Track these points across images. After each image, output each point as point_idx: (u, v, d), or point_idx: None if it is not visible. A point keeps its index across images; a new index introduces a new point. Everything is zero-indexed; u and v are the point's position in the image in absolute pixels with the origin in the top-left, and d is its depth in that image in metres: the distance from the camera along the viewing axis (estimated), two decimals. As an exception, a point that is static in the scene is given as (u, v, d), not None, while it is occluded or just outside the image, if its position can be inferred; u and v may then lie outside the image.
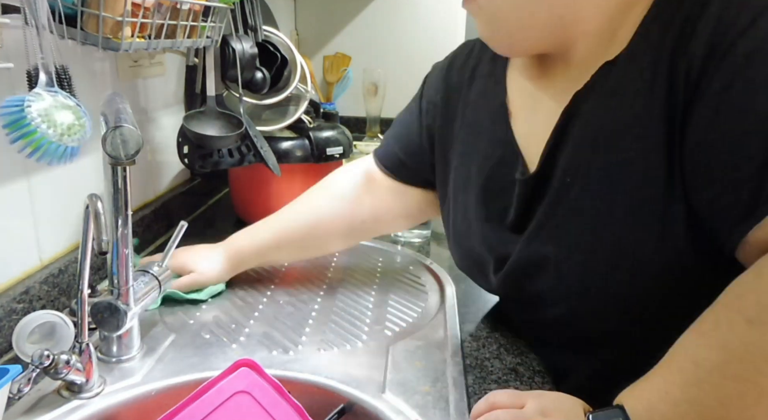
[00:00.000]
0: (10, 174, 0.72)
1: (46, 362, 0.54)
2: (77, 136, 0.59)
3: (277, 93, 1.13)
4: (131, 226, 0.65)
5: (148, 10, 0.70)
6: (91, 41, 0.66)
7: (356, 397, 0.63)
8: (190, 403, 0.54)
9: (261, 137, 1.06)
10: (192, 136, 0.98)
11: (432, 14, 2.11)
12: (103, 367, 0.66)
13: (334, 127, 1.17)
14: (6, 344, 0.68)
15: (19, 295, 0.71)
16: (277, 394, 0.55)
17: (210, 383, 0.55)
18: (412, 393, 0.63)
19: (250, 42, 1.04)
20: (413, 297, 0.88)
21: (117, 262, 0.64)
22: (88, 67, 0.88)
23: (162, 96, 1.14)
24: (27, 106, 0.56)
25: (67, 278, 0.80)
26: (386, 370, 0.67)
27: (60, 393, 0.60)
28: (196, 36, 0.85)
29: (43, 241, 0.79)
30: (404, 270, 0.99)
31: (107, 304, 0.64)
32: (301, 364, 0.68)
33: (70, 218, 0.85)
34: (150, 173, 1.13)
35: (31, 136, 0.56)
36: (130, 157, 0.61)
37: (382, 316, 0.82)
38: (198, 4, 0.80)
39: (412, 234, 1.12)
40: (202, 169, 1.03)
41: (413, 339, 0.75)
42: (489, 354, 0.72)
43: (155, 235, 1.07)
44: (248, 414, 0.54)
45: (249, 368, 0.57)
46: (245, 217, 1.18)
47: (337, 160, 1.15)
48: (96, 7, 0.64)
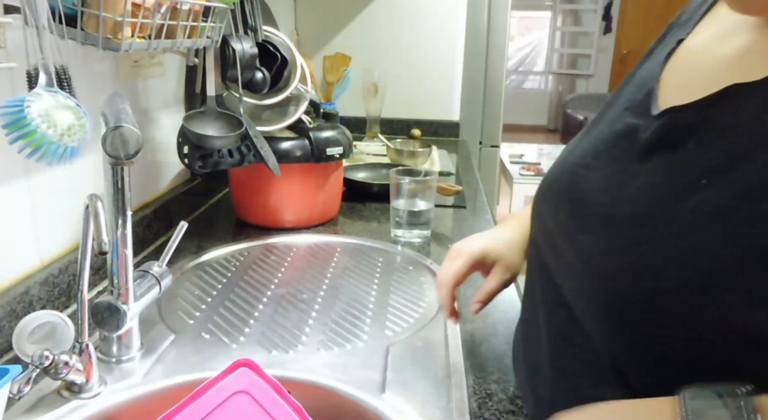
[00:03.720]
0: (10, 174, 0.72)
1: (46, 362, 0.54)
2: (77, 137, 0.59)
3: (277, 93, 1.13)
4: (131, 226, 0.65)
5: (148, 11, 0.70)
6: (91, 41, 0.66)
7: (356, 397, 0.63)
8: (190, 403, 0.54)
9: (261, 137, 1.06)
10: (192, 136, 0.98)
11: (432, 14, 2.11)
12: (103, 367, 0.66)
13: (334, 127, 1.17)
14: (6, 344, 0.68)
15: (19, 295, 0.71)
16: (276, 394, 0.55)
17: (209, 383, 0.55)
18: (412, 393, 0.63)
19: (250, 42, 1.04)
20: (413, 297, 0.88)
21: (117, 262, 0.64)
22: (88, 68, 0.88)
23: (162, 96, 1.14)
24: (27, 107, 0.56)
25: (67, 278, 0.80)
26: (386, 370, 0.67)
27: (60, 393, 0.60)
28: (196, 36, 0.85)
29: (43, 241, 0.79)
30: (404, 270, 0.99)
31: (107, 304, 0.64)
32: (301, 364, 0.68)
33: (70, 218, 0.85)
34: (150, 173, 1.13)
35: (31, 136, 0.56)
36: (130, 157, 0.61)
37: (382, 316, 0.82)
38: (198, 5, 0.80)
39: (412, 234, 1.12)
40: (202, 169, 1.03)
41: (413, 339, 0.75)
42: (489, 354, 0.72)
43: (155, 235, 1.07)
44: (248, 414, 0.54)
45: (248, 368, 0.57)
46: (245, 217, 1.19)
47: (337, 160, 1.15)
48: (96, 8, 0.64)
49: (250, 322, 0.79)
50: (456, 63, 2.16)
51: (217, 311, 0.82)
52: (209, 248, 1.04)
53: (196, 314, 0.81)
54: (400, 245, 1.09)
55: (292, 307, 0.84)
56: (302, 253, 1.06)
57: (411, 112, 2.18)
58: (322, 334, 0.76)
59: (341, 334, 0.76)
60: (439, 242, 1.12)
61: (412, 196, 1.10)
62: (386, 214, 1.26)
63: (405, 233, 1.12)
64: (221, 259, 1.01)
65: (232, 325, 0.78)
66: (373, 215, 1.27)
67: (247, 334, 0.75)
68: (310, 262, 1.01)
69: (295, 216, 1.16)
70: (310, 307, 0.84)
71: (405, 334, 0.77)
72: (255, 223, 1.17)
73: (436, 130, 2.20)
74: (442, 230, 1.19)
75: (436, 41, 2.13)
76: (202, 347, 0.72)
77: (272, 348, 0.72)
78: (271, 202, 1.14)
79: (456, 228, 1.22)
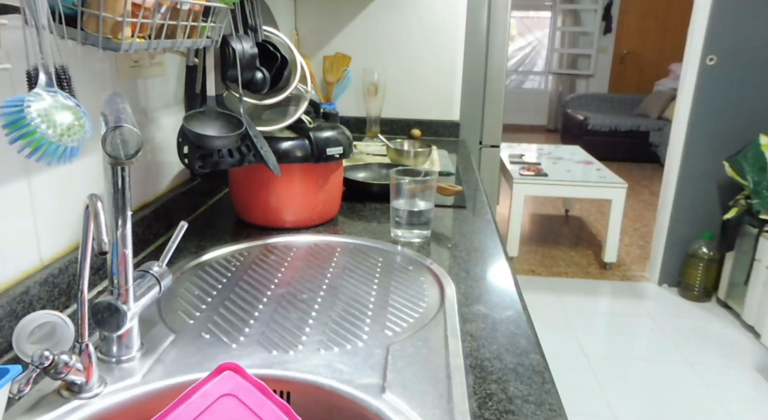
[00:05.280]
0: (10, 174, 0.72)
1: (46, 362, 0.54)
2: (77, 137, 0.59)
3: (277, 93, 1.13)
4: (131, 226, 0.65)
5: (148, 11, 0.70)
6: (91, 41, 0.66)
7: (356, 397, 0.63)
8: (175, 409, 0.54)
9: (261, 137, 1.06)
10: (192, 136, 0.98)
11: (432, 14, 2.11)
12: (103, 367, 0.66)
13: (334, 127, 1.17)
14: (6, 344, 0.68)
15: (19, 295, 0.71)
16: (263, 396, 0.55)
17: (194, 388, 0.55)
18: (412, 393, 0.63)
19: (250, 42, 1.04)
20: (413, 297, 0.88)
21: (117, 262, 0.64)
22: (88, 68, 0.88)
23: (162, 96, 1.14)
24: (27, 107, 0.56)
25: (67, 278, 0.80)
26: (386, 370, 0.67)
27: (60, 393, 0.60)
28: (196, 36, 0.85)
29: (43, 241, 0.79)
30: (404, 270, 0.99)
31: (107, 304, 0.64)
32: (301, 364, 0.68)
33: (70, 218, 0.85)
34: (150, 173, 1.13)
35: (30, 136, 0.56)
36: (130, 157, 0.61)
37: (382, 316, 0.82)
38: (198, 5, 0.80)
39: (412, 234, 1.12)
40: (202, 169, 1.03)
41: (413, 339, 0.75)
42: (489, 354, 0.72)
43: (155, 235, 1.07)
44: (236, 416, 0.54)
45: (232, 371, 0.57)
46: (245, 217, 1.19)
47: (337, 160, 1.15)
48: (96, 8, 0.64)
49: (250, 322, 0.79)
50: (456, 63, 2.16)
51: (217, 311, 0.82)
52: (209, 248, 1.04)
53: (196, 314, 0.81)
54: (400, 245, 1.09)
55: (292, 307, 0.84)
56: (302, 253, 1.06)
57: (411, 112, 2.18)
58: (322, 334, 0.76)
59: (341, 334, 0.76)
60: (439, 242, 1.12)
61: (412, 196, 1.10)
62: (386, 214, 1.26)
63: (405, 233, 1.12)
64: (221, 259, 1.01)
65: (232, 325, 0.78)
66: (373, 215, 1.27)
67: (247, 334, 0.75)
68: (310, 262, 1.01)
69: (295, 216, 1.16)
70: (310, 307, 0.84)
71: (405, 334, 0.77)
72: (255, 223, 1.17)
73: (436, 130, 2.20)
74: (442, 230, 1.19)
75: (436, 41, 2.13)
76: (202, 347, 0.72)
77: (272, 348, 0.72)
78: (271, 202, 1.14)
79: (456, 228, 1.22)
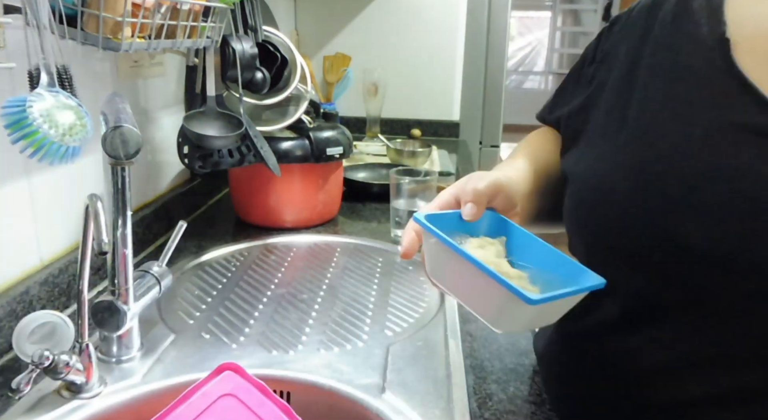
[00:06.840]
0: (11, 174, 0.72)
1: (46, 362, 0.54)
2: (79, 137, 0.59)
3: (277, 93, 1.13)
4: (131, 226, 0.65)
5: (148, 11, 0.70)
6: (91, 41, 0.66)
7: (356, 397, 0.63)
8: (175, 409, 0.54)
9: (261, 137, 1.06)
10: (192, 136, 0.98)
11: (432, 14, 2.11)
12: (103, 367, 0.66)
13: (334, 127, 1.17)
14: (6, 344, 0.68)
15: (19, 295, 0.71)
16: (263, 395, 0.55)
17: (194, 388, 0.55)
18: (412, 393, 0.63)
19: (250, 42, 1.04)
20: (413, 297, 0.88)
21: (117, 262, 0.64)
22: (89, 68, 0.88)
23: (162, 96, 1.14)
24: (29, 107, 0.56)
25: (67, 278, 0.80)
26: (386, 370, 0.67)
27: (60, 393, 0.60)
28: (196, 36, 0.85)
29: (43, 241, 0.79)
30: (404, 270, 0.99)
31: (107, 304, 0.64)
32: (301, 364, 0.68)
33: (70, 218, 0.85)
34: (150, 173, 1.13)
35: (32, 136, 0.56)
36: (130, 157, 0.61)
37: (382, 316, 0.82)
38: (198, 5, 0.80)
39: (412, 234, 1.12)
40: (202, 169, 1.03)
41: (413, 339, 0.75)
42: (489, 354, 0.72)
43: (155, 235, 1.07)
44: (236, 416, 0.54)
45: (232, 371, 0.57)
46: (245, 217, 1.19)
47: (337, 160, 1.15)
48: (96, 8, 0.64)
49: (250, 322, 0.79)
50: (456, 63, 2.16)
51: (217, 311, 0.82)
52: (209, 248, 1.04)
53: (196, 314, 0.81)
54: (400, 245, 1.09)
55: (292, 307, 0.84)
56: (302, 253, 1.06)
57: (411, 112, 2.18)
58: (322, 334, 0.76)
59: (341, 334, 0.76)
60: (439, 242, 1.11)
61: (412, 196, 1.10)
62: (386, 214, 1.26)
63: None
64: (221, 259, 1.01)
65: (232, 325, 0.78)
66: (373, 215, 1.27)
67: (247, 334, 0.75)
68: (310, 262, 1.01)
69: (295, 216, 1.16)
70: (310, 307, 0.84)
71: (405, 334, 0.77)
72: (255, 223, 1.17)
73: (436, 130, 2.20)
74: (442, 230, 1.19)
75: (436, 41, 2.13)
76: (202, 347, 0.72)
77: (272, 348, 0.72)
78: (271, 202, 1.14)
79: (456, 228, 1.22)
